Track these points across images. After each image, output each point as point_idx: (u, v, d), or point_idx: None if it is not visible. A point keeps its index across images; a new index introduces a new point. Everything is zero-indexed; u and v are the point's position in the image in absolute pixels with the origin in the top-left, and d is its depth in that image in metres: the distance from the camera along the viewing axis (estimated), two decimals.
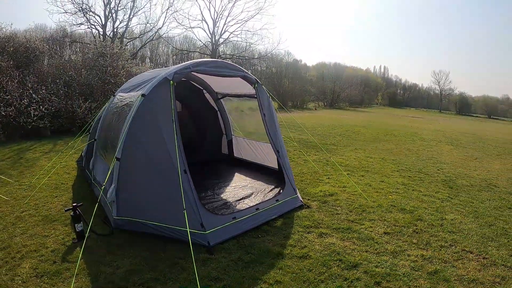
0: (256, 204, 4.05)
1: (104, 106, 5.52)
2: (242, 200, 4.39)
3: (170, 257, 3.07)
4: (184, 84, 6.57)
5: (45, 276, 2.75)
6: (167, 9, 25.15)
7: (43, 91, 9.25)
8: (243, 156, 6.71)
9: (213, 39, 23.50)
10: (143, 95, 3.57)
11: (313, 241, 3.49)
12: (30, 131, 8.77)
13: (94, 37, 17.79)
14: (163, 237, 3.38)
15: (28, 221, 3.80)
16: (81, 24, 17.47)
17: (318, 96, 35.61)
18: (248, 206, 4.03)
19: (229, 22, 23.24)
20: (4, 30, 10.20)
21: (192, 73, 5.35)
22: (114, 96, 5.13)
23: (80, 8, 16.68)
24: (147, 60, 44.15)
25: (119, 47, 14.79)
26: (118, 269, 2.87)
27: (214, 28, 22.87)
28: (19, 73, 8.90)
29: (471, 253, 3.39)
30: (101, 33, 17.94)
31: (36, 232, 3.55)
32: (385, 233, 3.78)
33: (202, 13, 32.06)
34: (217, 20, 22.83)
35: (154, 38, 22.56)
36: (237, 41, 26.61)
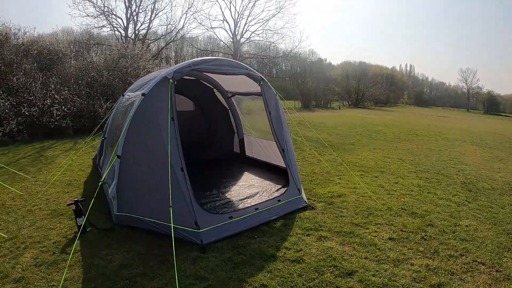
0: (256, 204, 4.08)
1: (115, 105, 5.81)
2: (245, 200, 4.43)
3: (163, 254, 3.19)
4: (195, 84, 6.77)
5: (43, 266, 2.97)
6: (188, 9, 25.98)
7: (66, 91, 9.89)
8: (254, 155, 6.77)
9: (235, 39, 23.85)
10: (143, 94, 3.74)
11: (311, 245, 3.44)
12: (53, 130, 9.40)
13: (117, 39, 18.78)
14: (159, 233, 3.50)
15: (37, 214, 4.10)
16: (103, 26, 18.60)
17: (342, 95, 35.30)
18: (247, 206, 4.06)
19: (250, 21, 23.58)
20: (28, 34, 11.06)
21: (203, 72, 5.53)
22: (123, 95, 5.38)
23: (102, 12, 17.73)
24: (172, 61, 45.73)
25: (140, 49, 15.44)
26: (111, 263, 3.02)
27: (235, 28, 23.27)
28: (42, 75, 9.58)
29: (483, 264, 3.18)
30: (123, 35, 18.86)
31: (42, 225, 3.82)
32: (390, 238, 3.64)
33: (223, 13, 32.95)
34: (238, 20, 23.21)
35: (175, 38, 23.30)
36: (259, 40, 26.88)
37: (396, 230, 3.85)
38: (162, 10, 23.41)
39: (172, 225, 3.03)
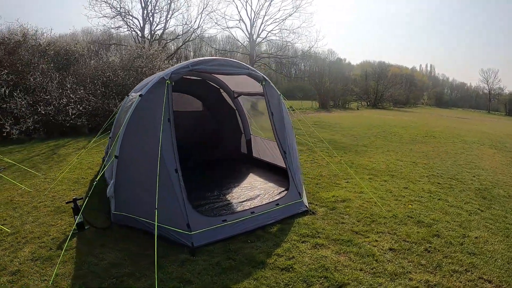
0: (252, 208, 4.07)
1: (120, 104, 5.98)
2: (244, 202, 4.43)
3: (153, 255, 3.23)
4: (202, 84, 6.84)
5: (39, 260, 3.12)
6: (203, 9, 26.50)
7: (81, 91, 10.29)
8: (261, 156, 6.76)
9: (251, 39, 23.99)
10: (140, 95, 3.82)
11: (304, 252, 3.37)
12: (69, 128, 9.82)
13: (134, 39, 19.37)
14: (153, 234, 3.56)
15: (41, 211, 4.29)
16: (119, 27, 19.26)
17: (361, 95, 34.93)
18: (244, 209, 4.06)
19: (266, 21, 23.68)
20: (46, 35, 11.62)
21: (204, 73, 5.57)
22: (128, 95, 5.53)
23: (118, 12, 18.32)
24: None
25: (156, 49, 15.81)
26: (103, 261, 3.12)
27: (251, 27, 23.42)
28: (59, 75, 10.02)
29: (489, 282, 2.98)
30: (140, 35, 19.42)
31: (45, 221, 3.99)
32: (390, 249, 3.50)
33: (239, 13, 33.22)
34: (254, 20, 23.35)
35: (191, 38, 23.67)
36: (275, 40, 26.94)
37: (398, 240, 3.70)
38: (178, 10, 23.97)
39: (156, 223, 3.09)
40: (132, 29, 19.45)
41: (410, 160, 7.77)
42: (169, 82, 3.84)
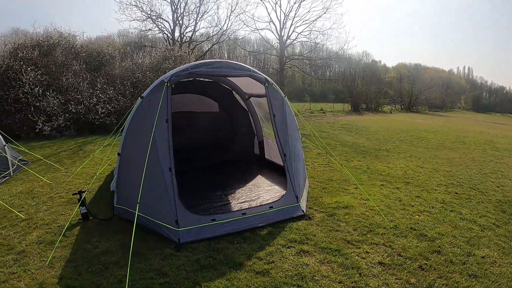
0: (244, 209, 4.20)
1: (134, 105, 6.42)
2: (242, 203, 4.58)
3: (142, 247, 3.51)
4: (216, 86, 7.12)
5: (43, 244, 3.56)
6: (231, 11, 27.36)
7: (111, 91, 11.14)
8: (272, 158, 6.87)
9: (281, 40, 24.18)
10: (141, 96, 4.14)
11: (286, 258, 3.37)
12: (98, 126, 10.66)
13: (166, 40, 20.49)
14: (147, 228, 3.84)
15: (55, 201, 4.79)
16: (149, 30, 20.46)
17: (395, 98, 34.03)
18: (235, 210, 4.20)
19: (296, 22, 23.84)
20: (79, 38, 12.74)
21: (204, 75, 5.80)
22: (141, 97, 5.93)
23: (149, 16, 19.48)
24: None
25: (185, 51, 16.54)
26: (96, 249, 3.47)
27: (281, 29, 23.68)
28: (90, 75, 10.94)
29: None
30: (170, 37, 20.48)
31: (56, 210, 4.47)
32: (379, 263, 3.35)
33: (269, 15, 33.78)
34: (284, 21, 23.57)
35: (220, 40, 24.40)
36: (305, 41, 26.98)
37: (392, 253, 3.55)
38: (207, 12, 24.98)
39: (136, 212, 3.34)
40: (162, 31, 20.68)
41: (432, 167, 7.42)
42: (168, 85, 4.09)
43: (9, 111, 9.39)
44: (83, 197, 4.12)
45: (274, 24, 23.58)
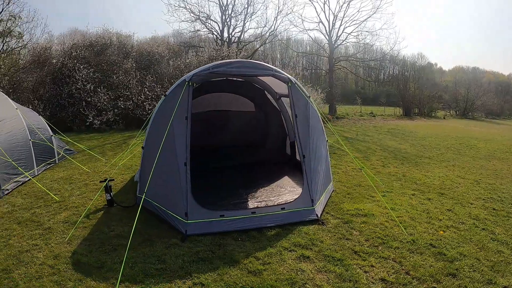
0: (255, 208, 4.30)
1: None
2: (259, 203, 4.68)
3: (153, 234, 3.82)
4: (250, 86, 7.32)
5: (67, 223, 4.07)
6: (278, 12, 27.42)
7: (158, 89, 12.03)
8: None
9: (330, 41, 23.74)
10: (165, 95, 4.48)
11: (284, 261, 3.36)
12: (145, 122, 11.55)
13: (215, 41, 21.42)
14: (160, 217, 4.16)
15: (89, 187, 5.40)
16: (198, 30, 21.48)
17: (450, 103, 31.47)
18: (246, 208, 4.33)
19: (346, 22, 23.24)
20: (132, 38, 13.96)
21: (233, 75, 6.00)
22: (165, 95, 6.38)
23: (197, 17, 20.44)
24: (277, 62, 48.36)
25: (233, 51, 17.12)
26: (111, 232, 3.88)
27: (330, 29, 23.27)
28: (140, 74, 11.96)
29: None
30: (219, 38, 21.32)
31: (88, 196, 5.03)
32: (382, 279, 3.14)
33: (318, 16, 33.27)
34: (333, 21, 23.14)
35: (267, 41, 24.63)
36: (355, 42, 26.21)
37: (399, 270, 3.30)
38: (255, 13, 25.61)
39: (138, 195, 3.64)
40: (211, 32, 21.62)
41: (474, 178, 6.79)
42: (189, 84, 4.37)
43: (63, 105, 10.76)
44: (108, 184, 4.60)
45: (323, 24, 23.28)
